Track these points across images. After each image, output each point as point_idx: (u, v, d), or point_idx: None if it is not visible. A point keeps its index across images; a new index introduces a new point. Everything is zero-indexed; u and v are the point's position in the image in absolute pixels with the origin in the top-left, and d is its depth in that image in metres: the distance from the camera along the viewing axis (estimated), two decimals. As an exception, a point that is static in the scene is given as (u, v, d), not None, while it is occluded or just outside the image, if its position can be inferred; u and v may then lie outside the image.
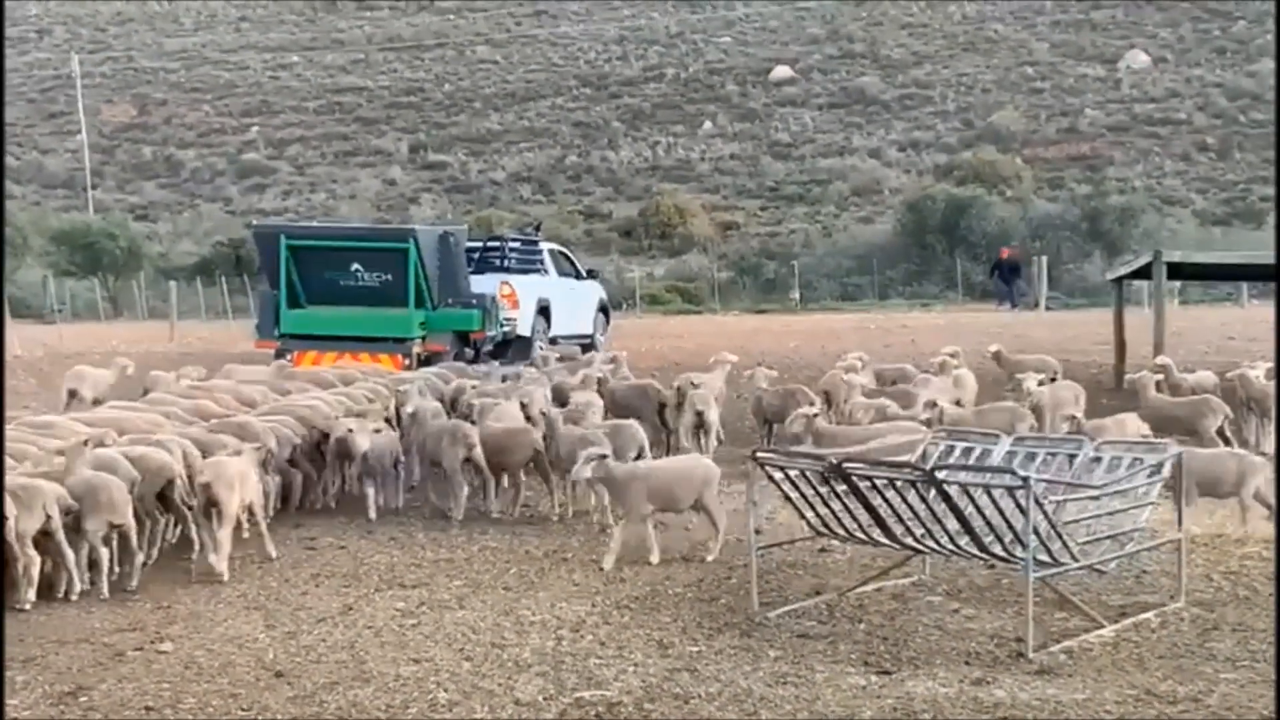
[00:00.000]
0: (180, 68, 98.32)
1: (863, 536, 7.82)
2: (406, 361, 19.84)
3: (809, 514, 7.96)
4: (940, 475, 7.16)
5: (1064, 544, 7.19)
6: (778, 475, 7.83)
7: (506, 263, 24.11)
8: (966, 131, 76.71)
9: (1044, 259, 45.85)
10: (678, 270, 57.47)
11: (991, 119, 76.55)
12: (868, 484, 7.42)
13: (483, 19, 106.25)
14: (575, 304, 25.33)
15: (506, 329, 22.16)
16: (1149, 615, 7.55)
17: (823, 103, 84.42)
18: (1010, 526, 7.05)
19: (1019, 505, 6.87)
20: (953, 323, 36.85)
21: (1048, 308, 44.46)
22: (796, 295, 49.88)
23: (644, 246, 62.73)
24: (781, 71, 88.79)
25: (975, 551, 7.31)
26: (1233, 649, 6.94)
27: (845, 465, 7.32)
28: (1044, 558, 7.06)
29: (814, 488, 7.73)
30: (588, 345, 23.98)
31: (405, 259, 20.81)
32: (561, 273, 25.55)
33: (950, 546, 7.42)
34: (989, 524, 7.14)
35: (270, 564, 9.26)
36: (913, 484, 7.37)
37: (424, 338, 20.76)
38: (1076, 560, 7.26)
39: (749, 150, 78.08)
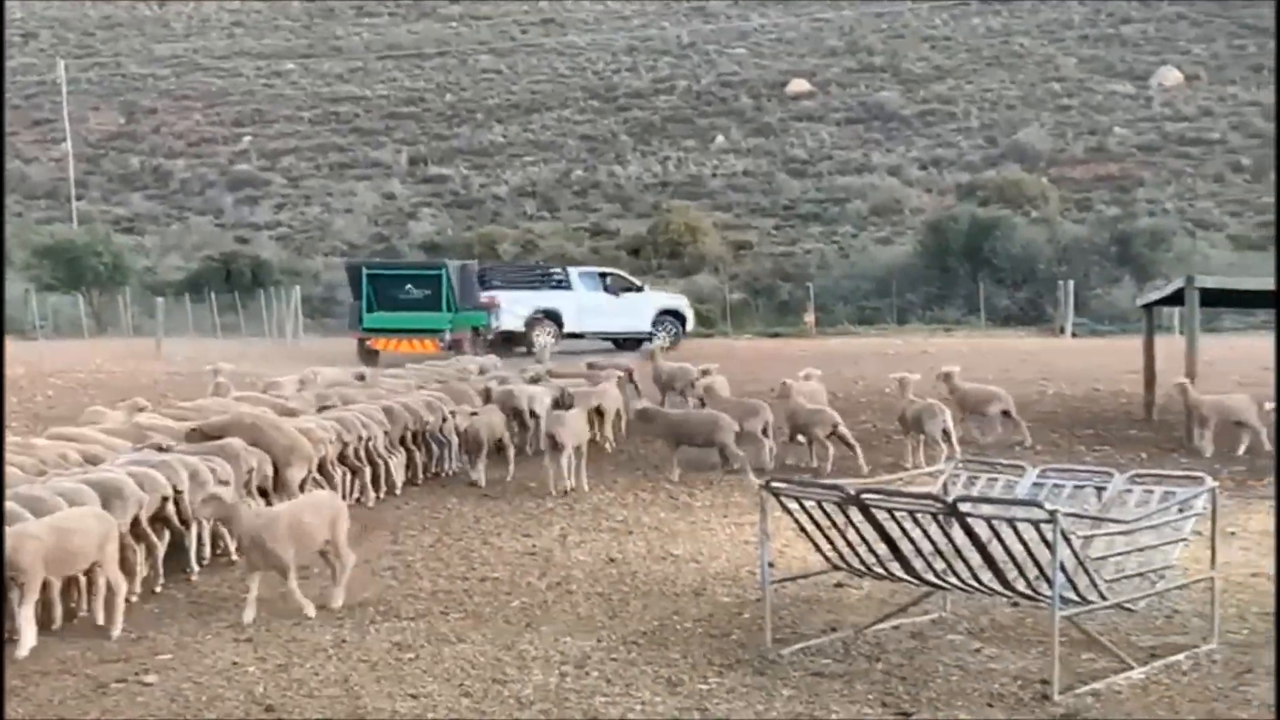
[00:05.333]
0: (170, 74, 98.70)
1: (881, 571, 7.82)
2: (441, 345, 32.17)
3: (825, 547, 7.97)
4: (963, 507, 7.16)
5: (1091, 581, 7.18)
6: (792, 505, 7.84)
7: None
8: (990, 149, 76.85)
9: (1070, 283, 45.90)
10: (687, 291, 57.27)
11: (1016, 136, 76.70)
12: (887, 515, 7.42)
13: (486, 27, 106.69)
14: None
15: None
16: (1180, 657, 7.54)
17: (841, 118, 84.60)
18: (1036, 562, 7.05)
19: (1045, 540, 6.86)
20: (975, 349, 36.84)
21: (1074, 334, 44.47)
22: (811, 318, 49.87)
23: (652, 266, 62.74)
24: (798, 85, 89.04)
25: (999, 588, 7.31)
26: (1268, 693, 6.92)
27: (864, 495, 7.32)
28: (1071, 595, 7.05)
29: (830, 519, 7.73)
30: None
31: (439, 280, 34.24)
32: None
33: (973, 582, 7.42)
34: (1013, 559, 7.14)
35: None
36: (934, 516, 7.36)
37: (451, 330, 33.22)
38: (1105, 598, 7.25)
39: (763, 166, 78.23)
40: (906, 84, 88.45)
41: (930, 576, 7.57)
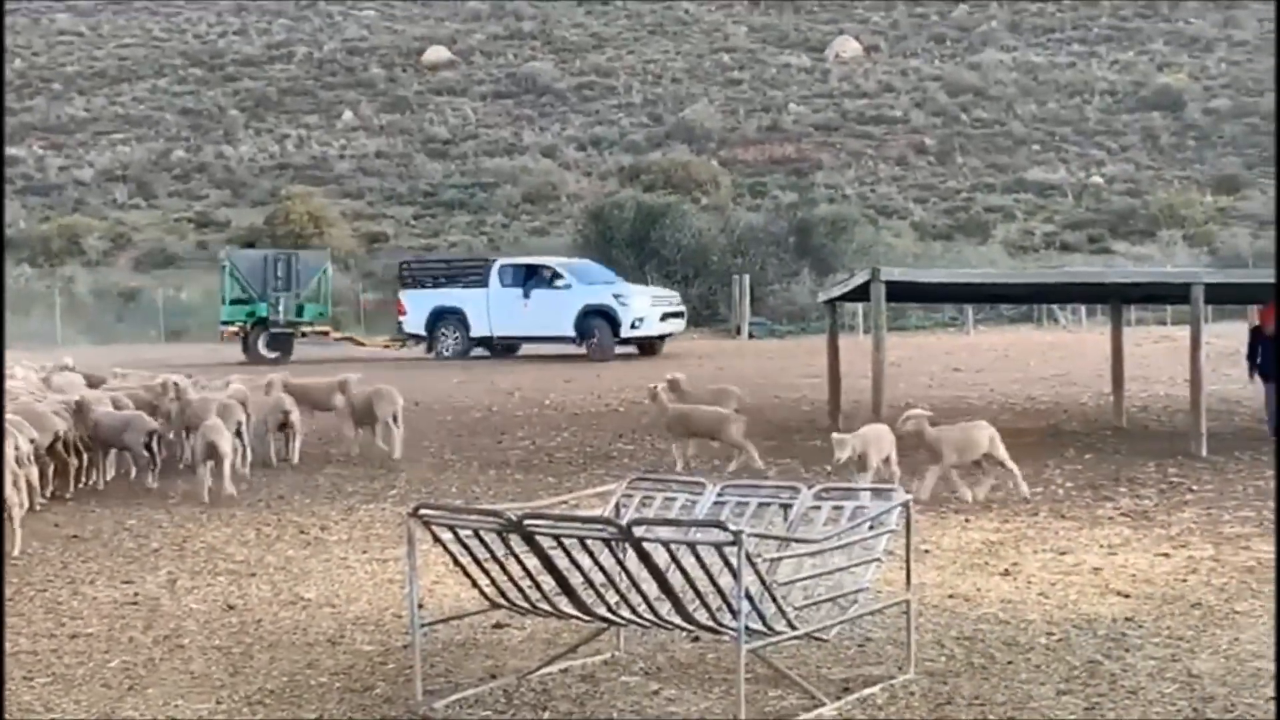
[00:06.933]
0: None
1: (547, 607, 7.86)
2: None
3: (482, 582, 7.97)
4: (638, 531, 7.26)
5: (779, 609, 7.38)
6: (445, 535, 7.82)
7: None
8: (655, 128, 78.51)
9: (746, 278, 47.26)
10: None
11: (684, 114, 78.56)
12: (553, 543, 7.47)
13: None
14: None
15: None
16: (875, 690, 7.81)
17: (487, 91, 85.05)
18: (718, 590, 7.20)
19: (728, 564, 7.00)
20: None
21: (751, 334, 45.82)
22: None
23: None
24: (437, 53, 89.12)
25: (678, 621, 7.43)
26: (968, 725, 7.26)
27: (527, 521, 7.35)
28: (757, 626, 7.23)
29: (489, 549, 7.74)
30: None
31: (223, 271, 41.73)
32: None
33: (649, 616, 7.53)
34: (693, 587, 7.27)
35: None
36: (606, 542, 7.44)
37: (244, 323, 39.82)
38: (794, 628, 7.46)
39: (399, 146, 78.00)
40: (560, 53, 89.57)
41: (602, 611, 7.65)
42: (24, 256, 61.48)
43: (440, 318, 37.75)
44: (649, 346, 36.82)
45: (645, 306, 36.71)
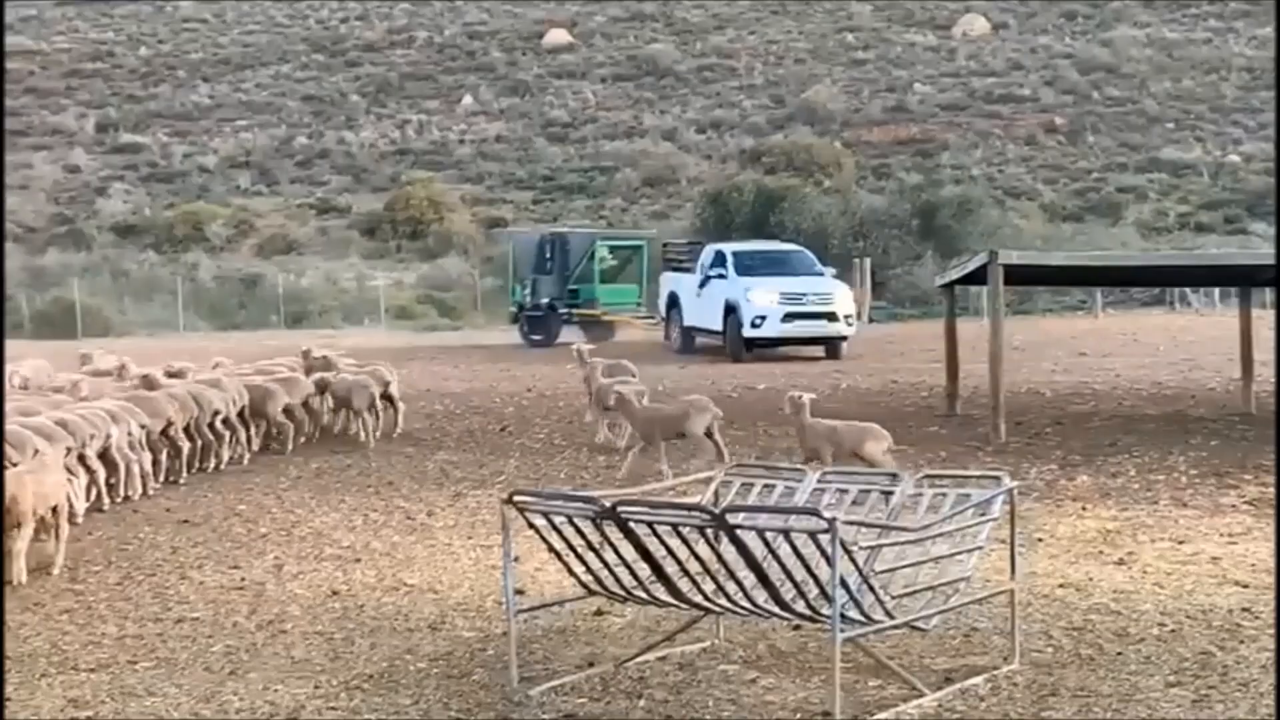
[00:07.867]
0: None
1: (644, 595, 7.87)
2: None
3: (579, 569, 8.00)
4: (733, 518, 7.25)
5: (877, 598, 7.34)
6: (540, 522, 7.85)
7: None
8: (777, 110, 78.16)
9: (868, 261, 46.95)
10: (432, 277, 57.32)
11: (806, 95, 78.13)
12: (648, 530, 7.47)
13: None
14: None
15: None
16: (978, 680, 7.75)
17: (607, 74, 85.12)
18: (815, 578, 7.18)
19: (824, 552, 6.98)
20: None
21: (871, 319, 45.52)
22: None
23: (390, 248, 62.39)
24: (557, 36, 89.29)
25: (775, 609, 7.42)
26: (1073, 717, 7.18)
27: (621, 508, 7.36)
28: (854, 615, 7.20)
29: (584, 536, 7.77)
30: None
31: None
32: None
33: (746, 604, 7.52)
34: (790, 576, 7.25)
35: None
36: (701, 530, 7.44)
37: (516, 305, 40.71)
38: (892, 617, 7.42)
39: (518, 130, 78.32)
40: (681, 35, 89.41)
41: (699, 599, 7.65)
42: (148, 243, 62.51)
43: (674, 303, 36.17)
44: (833, 348, 32.89)
45: (768, 304, 32.41)
